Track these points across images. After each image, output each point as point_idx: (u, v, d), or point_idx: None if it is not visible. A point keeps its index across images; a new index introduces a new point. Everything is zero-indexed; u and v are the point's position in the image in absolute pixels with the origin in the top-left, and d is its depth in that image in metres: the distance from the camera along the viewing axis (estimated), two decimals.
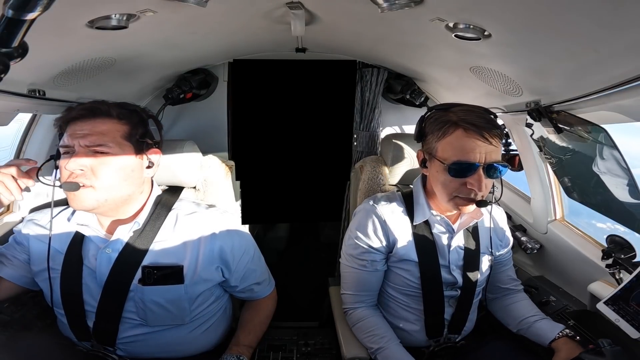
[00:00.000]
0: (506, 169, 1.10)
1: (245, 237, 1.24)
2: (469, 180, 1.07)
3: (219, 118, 2.15)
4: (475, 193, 1.08)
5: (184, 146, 1.43)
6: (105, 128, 1.03)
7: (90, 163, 0.99)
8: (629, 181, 1.13)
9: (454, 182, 1.09)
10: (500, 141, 1.09)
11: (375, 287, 1.29)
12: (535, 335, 1.23)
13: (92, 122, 1.02)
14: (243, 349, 1.20)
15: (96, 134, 1.01)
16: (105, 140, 1.01)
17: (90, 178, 0.99)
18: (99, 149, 1.00)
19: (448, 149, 1.08)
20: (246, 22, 1.38)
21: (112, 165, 1.02)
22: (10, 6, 0.58)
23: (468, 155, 1.05)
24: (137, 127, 1.09)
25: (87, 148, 1.00)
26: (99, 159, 1.00)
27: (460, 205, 1.12)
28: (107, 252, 1.08)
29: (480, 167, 1.06)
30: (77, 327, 1.11)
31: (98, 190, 1.01)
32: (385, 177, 1.56)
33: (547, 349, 1.17)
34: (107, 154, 1.01)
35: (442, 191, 1.13)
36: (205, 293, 1.16)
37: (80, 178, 0.99)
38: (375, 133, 2.16)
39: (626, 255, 1.21)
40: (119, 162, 1.03)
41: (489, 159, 1.06)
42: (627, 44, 0.75)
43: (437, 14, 0.98)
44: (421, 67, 1.77)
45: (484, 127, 1.04)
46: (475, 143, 1.05)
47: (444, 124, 1.09)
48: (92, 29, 0.95)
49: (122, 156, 1.04)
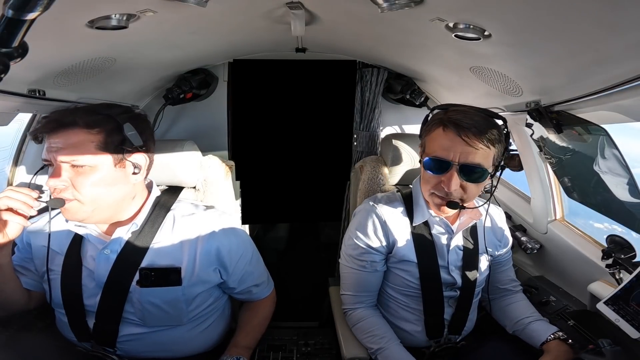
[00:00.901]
0: (487, 174, 1.07)
1: (243, 238, 1.24)
2: (441, 178, 1.09)
3: (219, 118, 2.15)
4: (447, 192, 1.09)
5: (183, 146, 1.43)
6: (76, 140, 0.97)
7: (69, 177, 0.97)
8: (629, 181, 1.13)
9: (432, 179, 1.12)
10: (490, 145, 1.06)
11: (374, 287, 1.29)
12: (528, 336, 1.23)
13: (63, 134, 0.97)
14: (242, 350, 1.20)
15: (69, 147, 0.96)
16: (79, 153, 0.97)
17: (73, 192, 0.98)
18: (74, 162, 0.97)
19: (430, 145, 1.12)
20: (246, 22, 1.38)
21: (91, 178, 0.98)
22: (10, 6, 0.58)
23: (443, 152, 1.07)
24: (112, 135, 1.01)
25: (64, 162, 0.97)
26: (78, 173, 0.98)
27: (437, 203, 1.14)
28: (106, 253, 1.07)
29: (453, 166, 1.06)
30: (77, 328, 1.11)
31: (84, 204, 0.99)
32: (385, 177, 1.56)
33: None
34: (84, 167, 0.98)
35: (424, 186, 1.18)
36: (203, 294, 1.16)
37: (64, 193, 0.97)
38: (375, 133, 2.16)
39: (626, 255, 1.21)
40: (98, 175, 0.99)
41: (464, 159, 1.05)
42: (627, 44, 0.75)
43: (437, 14, 0.98)
44: (421, 67, 1.77)
45: (465, 127, 1.04)
46: (452, 142, 1.06)
47: (433, 121, 1.13)
48: (92, 29, 0.95)
49: (100, 168, 1.00)
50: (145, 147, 1.08)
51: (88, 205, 1.00)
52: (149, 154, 1.10)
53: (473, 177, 1.08)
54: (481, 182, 1.10)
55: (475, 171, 1.07)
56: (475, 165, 1.06)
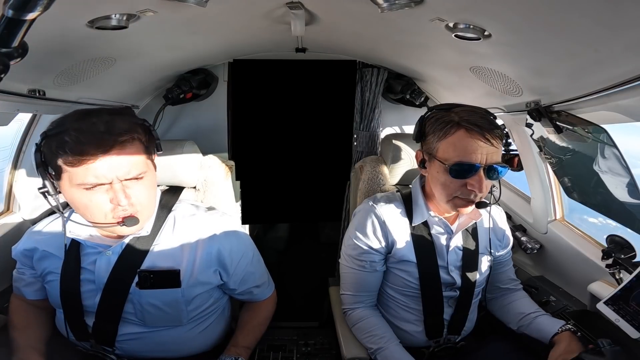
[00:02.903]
0: (506, 170, 1.10)
1: (244, 239, 1.23)
2: (469, 182, 1.07)
3: (219, 118, 2.15)
4: (475, 194, 1.08)
5: (184, 146, 1.43)
6: (133, 151, 0.97)
7: (129, 191, 0.97)
8: (629, 181, 1.13)
9: (454, 183, 1.09)
10: (501, 142, 1.09)
11: (374, 287, 1.29)
12: (536, 330, 1.22)
13: (119, 150, 0.93)
14: (241, 350, 1.20)
15: (129, 163, 0.95)
16: (139, 164, 0.98)
17: (135, 204, 0.99)
18: (139, 175, 0.98)
19: (449, 150, 1.08)
20: (246, 22, 1.38)
21: (148, 185, 1.02)
22: (10, 6, 0.58)
23: (470, 156, 1.05)
24: (148, 138, 1.03)
25: (123, 180, 0.96)
26: (136, 183, 0.98)
27: (459, 206, 1.12)
28: (108, 254, 1.07)
29: (481, 168, 1.06)
30: (76, 327, 1.11)
31: (142, 213, 1.01)
32: (385, 177, 1.56)
33: (548, 347, 1.17)
34: (143, 178, 0.99)
35: (441, 192, 1.13)
36: (203, 295, 1.16)
37: (130, 209, 0.98)
38: (375, 133, 2.16)
39: (626, 255, 1.21)
40: (151, 179, 1.03)
41: (489, 160, 1.06)
42: (627, 44, 0.75)
43: (437, 14, 0.98)
44: (421, 67, 1.77)
45: (487, 128, 1.04)
46: (477, 144, 1.04)
47: (445, 124, 1.09)
48: (92, 29, 0.95)
49: (150, 172, 1.03)
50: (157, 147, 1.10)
51: (145, 214, 1.03)
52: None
53: (495, 176, 1.08)
54: (498, 179, 1.11)
55: (498, 170, 1.07)
56: (499, 164, 1.07)
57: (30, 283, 1.16)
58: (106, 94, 1.59)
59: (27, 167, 1.49)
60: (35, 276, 1.14)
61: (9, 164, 1.50)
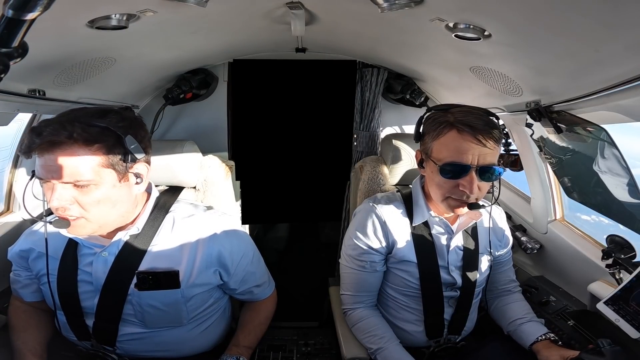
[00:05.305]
0: (501, 172, 1.09)
1: (244, 239, 1.23)
2: (461, 182, 1.07)
3: (219, 118, 2.15)
4: (467, 195, 1.08)
5: (183, 146, 1.43)
6: (77, 158, 0.89)
7: (73, 195, 0.91)
8: (629, 181, 1.13)
9: (447, 183, 1.09)
10: (498, 143, 1.08)
11: (374, 287, 1.29)
12: (519, 337, 1.23)
13: (61, 153, 0.88)
14: (242, 349, 1.20)
15: (69, 166, 0.89)
16: (82, 172, 0.90)
17: (80, 210, 0.93)
18: (78, 183, 0.91)
19: (442, 150, 1.08)
20: (246, 22, 1.38)
21: (97, 196, 0.93)
22: (10, 6, 0.58)
23: (461, 156, 1.05)
24: (114, 149, 0.94)
25: (66, 183, 0.90)
26: (82, 191, 0.92)
27: (452, 206, 1.12)
28: (104, 255, 1.06)
29: (472, 169, 1.05)
30: (76, 327, 1.11)
31: (91, 221, 0.96)
32: (385, 177, 1.56)
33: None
34: (88, 186, 0.92)
35: (436, 191, 1.14)
36: (203, 296, 1.15)
37: (69, 212, 0.92)
38: (375, 133, 2.16)
39: (626, 255, 1.21)
40: (103, 191, 0.94)
41: (482, 161, 1.05)
42: (627, 44, 0.75)
43: (437, 13, 0.98)
44: (421, 67, 1.77)
45: (480, 129, 1.04)
46: (468, 145, 1.04)
47: (439, 124, 1.09)
48: (92, 29, 0.95)
49: (104, 184, 0.94)
50: (146, 155, 1.02)
51: (95, 222, 0.96)
52: (149, 160, 1.06)
53: (489, 177, 1.08)
54: (494, 180, 1.11)
55: (491, 171, 1.07)
56: (492, 166, 1.06)
57: (26, 285, 1.15)
58: (106, 94, 1.59)
59: (27, 168, 1.49)
60: (30, 278, 1.14)
61: (9, 164, 1.50)
